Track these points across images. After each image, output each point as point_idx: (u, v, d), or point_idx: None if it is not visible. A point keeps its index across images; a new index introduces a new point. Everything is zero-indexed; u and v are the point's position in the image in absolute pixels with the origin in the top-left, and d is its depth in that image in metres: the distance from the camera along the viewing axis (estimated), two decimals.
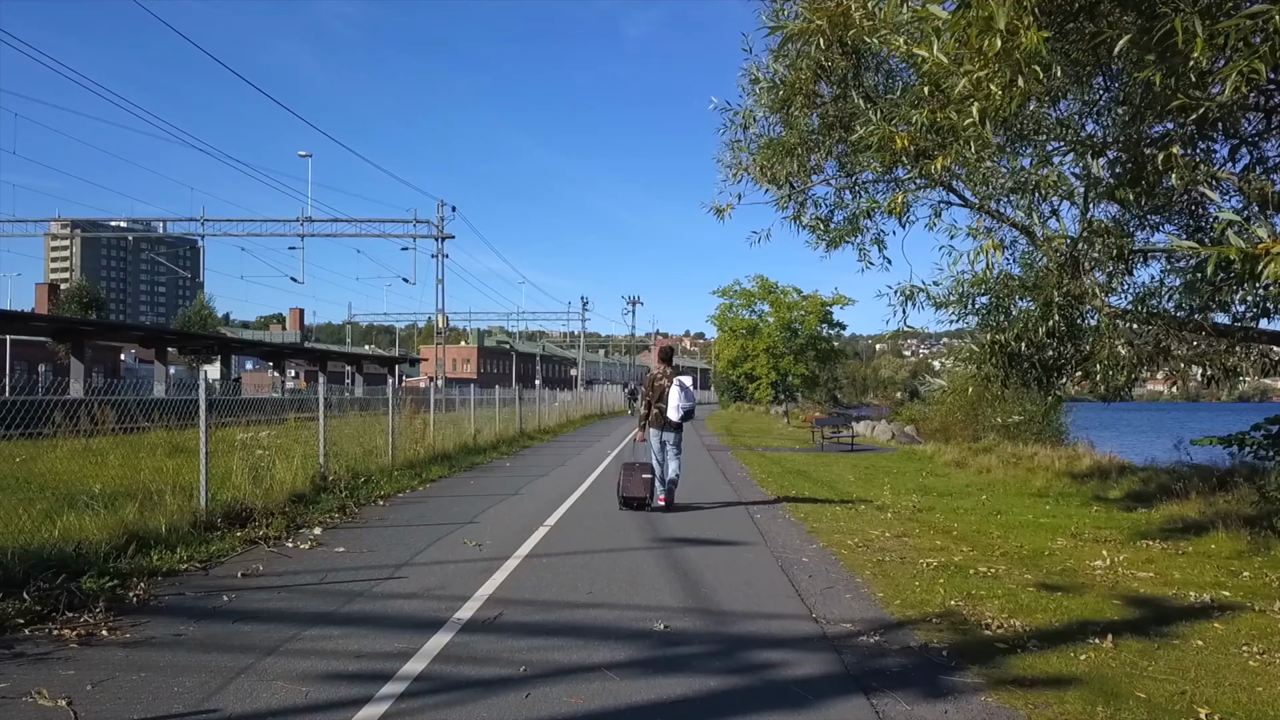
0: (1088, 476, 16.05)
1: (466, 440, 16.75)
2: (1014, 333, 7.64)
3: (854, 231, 10.49)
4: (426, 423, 14.28)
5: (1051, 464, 17.70)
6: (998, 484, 15.83)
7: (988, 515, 11.05)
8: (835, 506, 11.27)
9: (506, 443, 19.40)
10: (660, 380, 10.27)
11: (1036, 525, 10.21)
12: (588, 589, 6.02)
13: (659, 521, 9.33)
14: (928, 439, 29.59)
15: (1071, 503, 13.03)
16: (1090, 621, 5.59)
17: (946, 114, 7.16)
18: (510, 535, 8.07)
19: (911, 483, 15.49)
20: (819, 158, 10.60)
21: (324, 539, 7.53)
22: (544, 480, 13.13)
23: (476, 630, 4.93)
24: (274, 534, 7.40)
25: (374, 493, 10.17)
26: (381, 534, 7.93)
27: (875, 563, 7.42)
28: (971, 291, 8.09)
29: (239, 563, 6.45)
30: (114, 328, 49.15)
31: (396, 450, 12.64)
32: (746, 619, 5.45)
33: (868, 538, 8.74)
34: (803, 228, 11.23)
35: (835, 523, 9.78)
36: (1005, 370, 7.85)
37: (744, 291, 38.97)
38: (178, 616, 4.99)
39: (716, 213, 10.95)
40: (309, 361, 65.31)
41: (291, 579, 6.00)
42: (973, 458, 19.86)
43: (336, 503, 9.14)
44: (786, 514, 10.44)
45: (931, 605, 5.95)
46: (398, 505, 9.83)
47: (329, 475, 9.88)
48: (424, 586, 5.92)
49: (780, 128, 10.31)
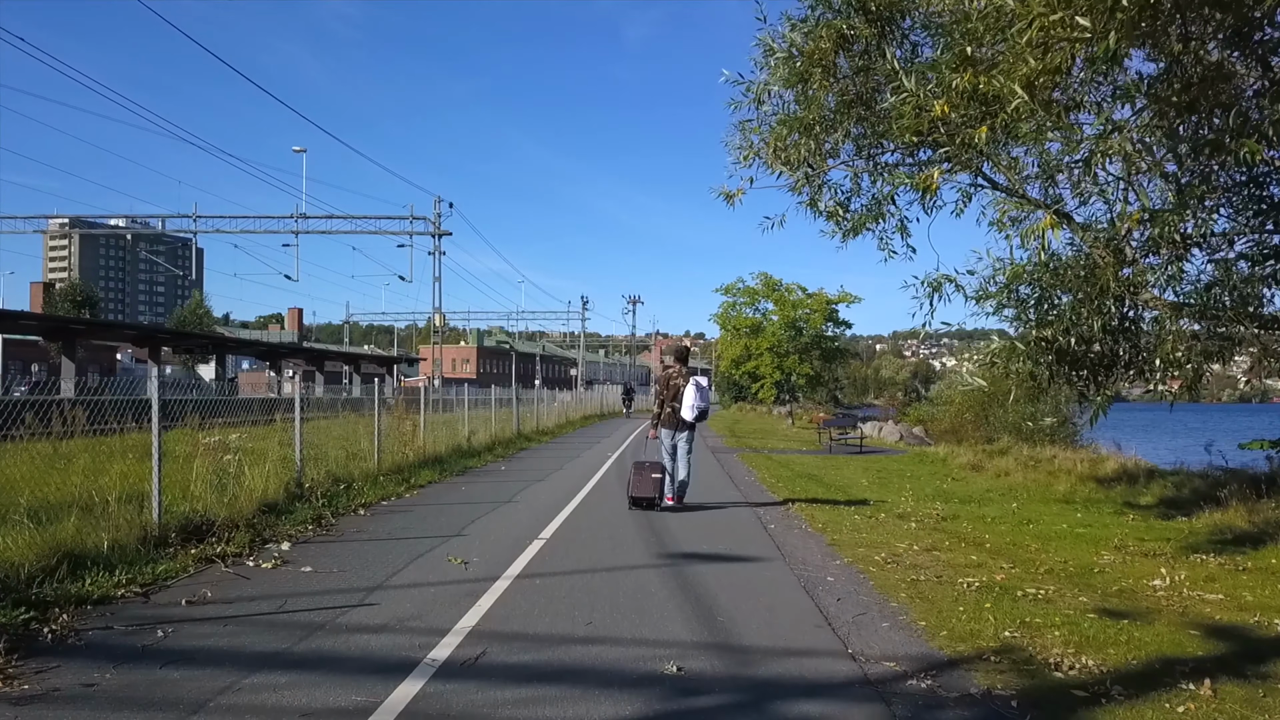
0: (1114, 481, 15.25)
1: (460, 442, 15.94)
2: (1062, 326, 6.83)
3: (876, 217, 9.68)
4: (416, 424, 13.46)
5: (1073, 467, 16.89)
6: (1018, 489, 15.02)
7: (1018, 525, 10.24)
8: (853, 514, 10.46)
9: (503, 445, 18.59)
10: (676, 379, 10.10)
11: (1074, 537, 9.40)
12: (587, 618, 5.22)
13: (665, 533, 8.53)
14: (937, 440, 28.78)
15: (1103, 510, 12.22)
16: (1174, 659, 4.78)
17: (992, 78, 6.38)
18: (501, 550, 7.26)
19: (929, 487, 14.68)
20: (837, 139, 9.81)
21: (291, 556, 6.72)
22: (540, 486, 12.32)
23: (453, 675, 4.12)
24: (235, 550, 6.58)
25: (355, 501, 9.35)
26: (357, 550, 7.11)
27: (909, 583, 6.61)
28: (1013, 281, 7.28)
29: (187, 587, 5.63)
30: (106, 327, 48.35)
31: (383, 454, 11.84)
32: (773, 657, 4.64)
33: (895, 552, 7.94)
34: (819, 215, 10.42)
35: (856, 534, 8.97)
36: (1052, 368, 7.04)
37: (748, 289, 38.16)
38: (96, 659, 4.18)
39: (726, 198, 10.16)
40: (307, 361, 64.58)
41: (244, 607, 5.19)
42: (988, 460, 19.06)
43: (311, 513, 8.33)
44: (802, 523, 9.64)
45: (984, 637, 5.15)
46: (379, 515, 9.02)
47: (305, 482, 9.07)
48: (397, 616, 5.11)
49: (796, 106, 9.51)
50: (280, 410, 14.84)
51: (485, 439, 17.72)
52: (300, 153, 40.14)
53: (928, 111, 6.69)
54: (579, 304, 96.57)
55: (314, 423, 14.36)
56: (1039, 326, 7.00)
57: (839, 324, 37.54)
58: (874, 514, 10.60)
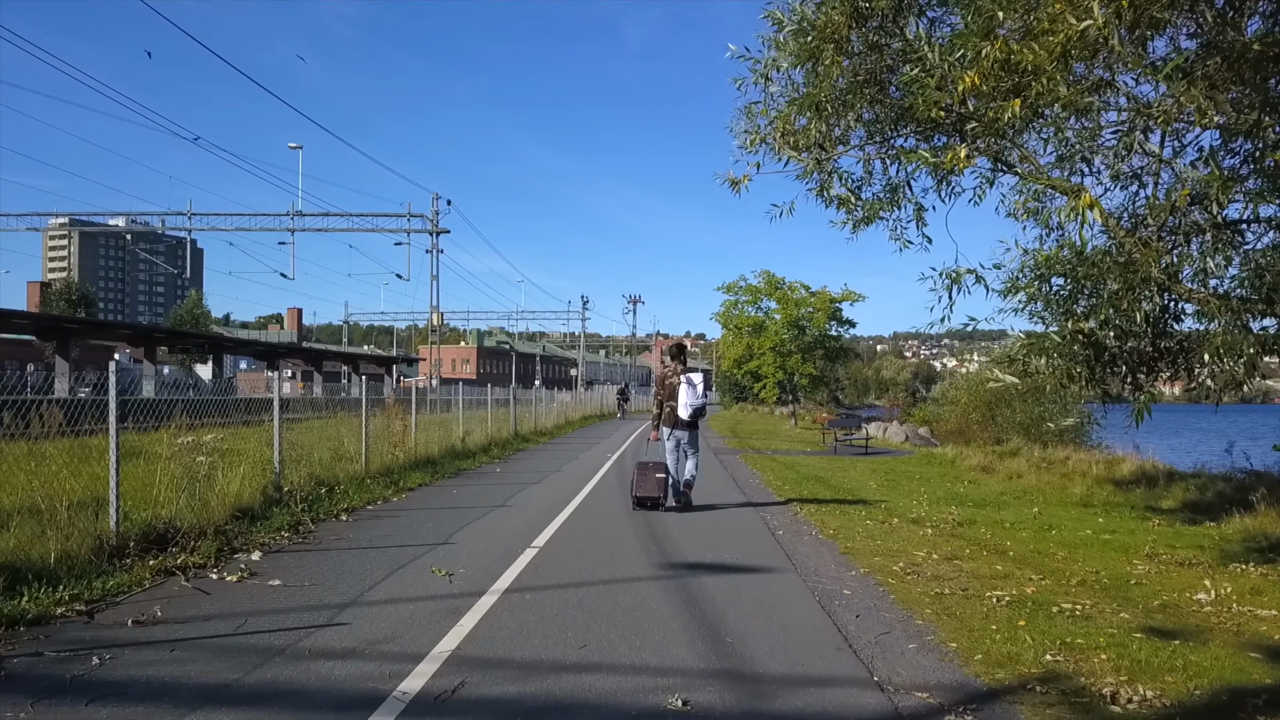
0: (1131, 483, 14.71)
1: (454, 443, 15.40)
2: (1100, 318, 6.28)
3: (892, 204, 9.14)
4: (407, 425, 12.91)
5: (1088, 469, 16.35)
6: (1033, 491, 14.49)
7: (1040, 531, 9.70)
8: (865, 519, 9.92)
9: (499, 446, 18.05)
10: (671, 378, 9.92)
11: (1100, 544, 8.86)
12: (580, 640, 4.68)
13: (667, 540, 7.99)
14: (944, 441, 28.24)
15: (1124, 514, 11.68)
16: (1242, 689, 4.23)
17: (1024, 47, 5.84)
18: (490, 560, 6.72)
19: (940, 490, 14.14)
20: (848, 122, 9.27)
21: (260, 567, 6.17)
22: (536, 489, 11.77)
23: (425, 713, 3.58)
24: (198, 562, 6.05)
25: (337, 506, 8.81)
26: (334, 560, 6.57)
27: (934, 596, 6.07)
28: (1046, 270, 6.72)
29: (138, 604, 5.09)
30: (100, 326, 47.85)
31: (371, 456, 11.29)
32: (790, 687, 4.10)
33: (913, 561, 7.39)
34: (829, 203, 9.88)
35: (870, 541, 8.43)
36: (1089, 366, 6.48)
37: (750, 287, 37.51)
38: (13, 693, 3.64)
39: (731, 184, 9.61)
40: (305, 361, 64.11)
41: (197, 628, 4.65)
42: (999, 462, 18.52)
43: (288, 519, 7.79)
44: (811, 529, 9.10)
45: (1024, 662, 4.61)
46: (362, 521, 8.47)
47: (285, 486, 8.53)
48: (368, 638, 4.57)
49: (805, 88, 8.98)
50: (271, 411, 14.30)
51: (480, 440, 17.18)
52: (296, 149, 39.61)
53: (953, 85, 6.15)
54: (579, 304, 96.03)
55: (308, 423, 13.86)
56: (1074, 319, 6.44)
57: (843, 323, 36.98)
58: (886, 519, 10.07)
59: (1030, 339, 6.73)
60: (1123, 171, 6.88)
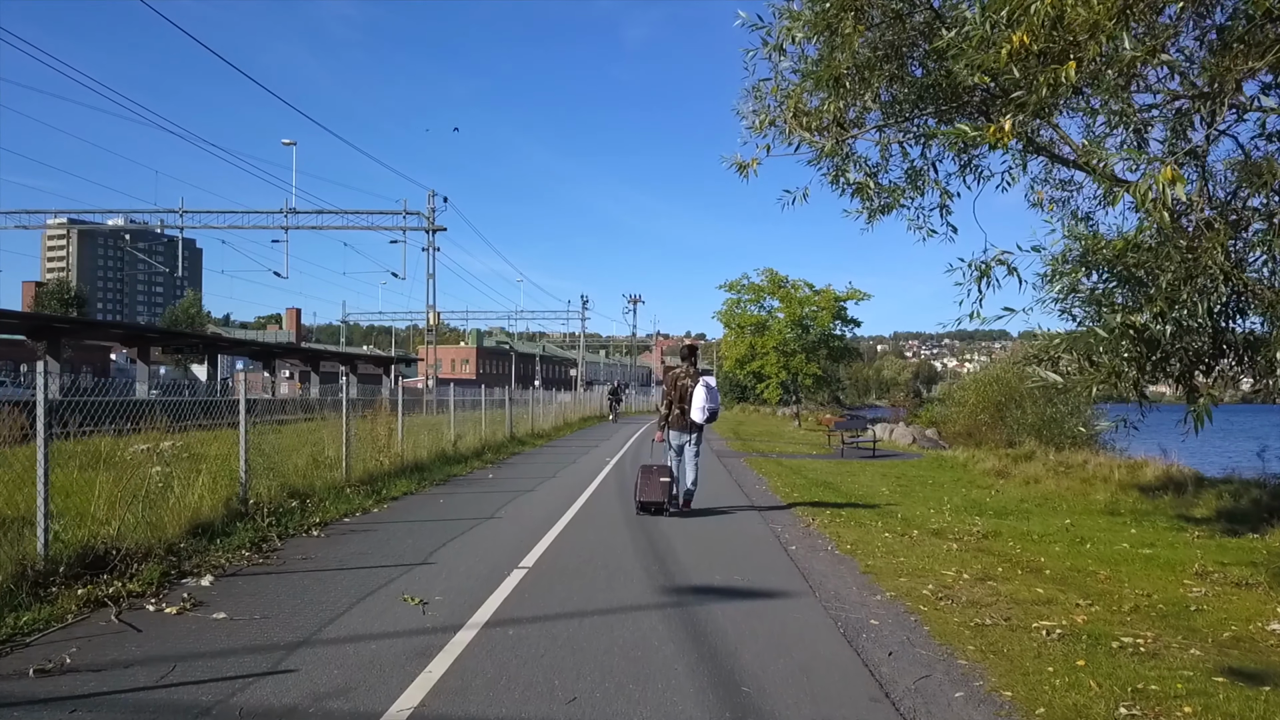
0: (1158, 489, 13.97)
1: (445, 447, 14.66)
2: (1156, 309, 5.55)
3: (914, 189, 8.42)
4: (393, 429, 12.17)
5: (1110, 474, 15.61)
6: (1053, 498, 13.77)
7: (1073, 545, 8.97)
8: (882, 532, 9.19)
9: (493, 449, 17.30)
10: (684, 379, 9.72)
11: (1142, 560, 8.13)
12: (569, 692, 3.94)
13: (670, 558, 7.25)
14: (952, 443, 27.50)
15: (1156, 524, 10.95)
16: None
17: (1080, 3, 5.11)
18: (472, 584, 5.98)
19: (957, 497, 13.41)
20: (866, 101, 8.54)
21: (208, 595, 5.44)
22: (530, 498, 11.04)
23: None
24: (138, 589, 5.32)
25: (310, 519, 8.07)
26: (295, 585, 5.83)
27: (974, 628, 5.34)
28: (1093, 258, 5.98)
29: (52, 644, 4.36)
30: (92, 325, 47.14)
31: (352, 462, 10.56)
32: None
33: (943, 583, 6.66)
34: (843, 191, 9.14)
35: (892, 557, 7.70)
36: (1139, 364, 5.75)
37: (753, 285, 36.68)
38: None
39: (739, 169, 8.88)
40: (303, 361, 63.42)
41: (113, 679, 3.91)
42: (1014, 466, 17.80)
43: (252, 535, 7.06)
44: (827, 543, 8.37)
45: (1095, 716, 3.87)
46: (336, 536, 7.73)
47: (251, 498, 7.80)
48: (315, 691, 3.84)
49: (822, 61, 8.25)
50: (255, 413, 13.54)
51: (474, 443, 16.44)
52: (290, 145, 38.86)
53: (997, 48, 5.41)
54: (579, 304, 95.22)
55: (293, 425, 13.13)
56: (1124, 312, 5.71)
57: (847, 322, 36.16)
58: (905, 531, 9.34)
59: (1073, 335, 6.00)
60: (1178, 148, 6.14)
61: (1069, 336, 6.03)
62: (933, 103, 8.55)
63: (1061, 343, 6.16)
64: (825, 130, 8.01)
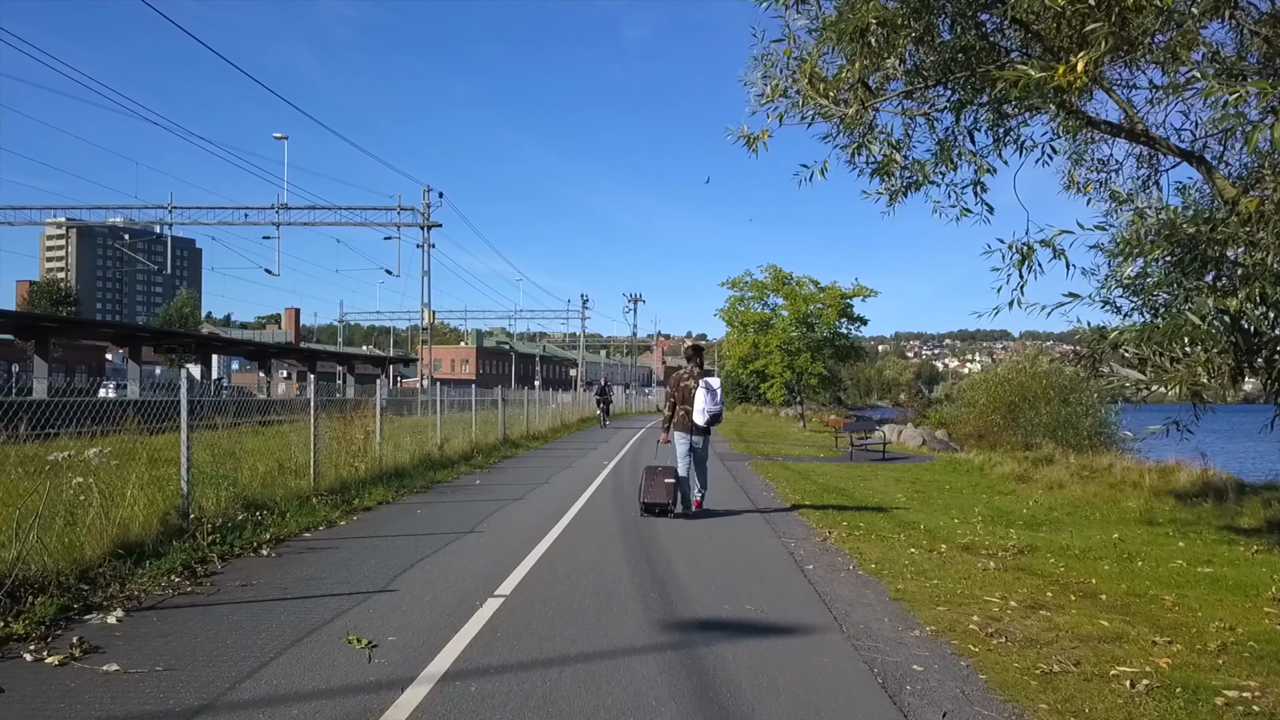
0: (1195, 496, 13.01)
1: (431, 451, 13.71)
2: (1254, 290, 4.60)
3: (946, 161, 7.49)
4: (369, 432, 11.20)
5: (1139, 479, 14.66)
6: (1082, 505, 12.83)
7: (1122, 562, 8.03)
8: (907, 546, 8.25)
9: (484, 452, 16.34)
10: (686, 380, 9.52)
11: (1207, 582, 7.18)
12: None
13: (671, 581, 6.30)
14: (963, 444, 26.56)
15: (1204, 536, 10.01)
16: None
17: None
18: (435, 619, 5.04)
19: (979, 504, 12.48)
20: (891, 66, 7.61)
21: (108, 638, 4.47)
22: (517, 507, 10.08)
23: None
24: (21, 631, 4.36)
25: (262, 535, 7.11)
26: (220, 621, 4.87)
27: (1040, 677, 4.39)
28: (1170, 233, 5.03)
29: None
30: (81, 324, 46.21)
31: (322, 469, 9.60)
32: None
33: (989, 613, 5.71)
34: (861, 171, 8.22)
35: (923, 579, 6.75)
36: (1236, 356, 4.81)
37: (756, 283, 35.63)
38: None
39: (747, 142, 7.97)
40: (299, 361, 62.57)
41: None
42: (1035, 470, 16.85)
43: (188, 556, 6.10)
44: (847, 561, 7.43)
45: None
46: (290, 556, 6.77)
47: (193, 511, 6.84)
48: None
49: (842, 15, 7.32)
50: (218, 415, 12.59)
51: (462, 446, 15.48)
52: (282, 139, 37.92)
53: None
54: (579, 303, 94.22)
55: (275, 427, 12.22)
56: (1216, 295, 4.77)
57: (853, 320, 35.13)
58: (932, 545, 8.39)
59: (1148, 327, 5.08)
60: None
61: (1144, 329, 5.10)
62: (964, 68, 7.62)
63: (1135, 335, 5.23)
64: (853, 89, 7.07)
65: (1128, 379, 5.05)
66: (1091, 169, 9.88)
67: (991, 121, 7.90)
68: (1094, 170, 9.88)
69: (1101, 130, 7.60)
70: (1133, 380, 5.02)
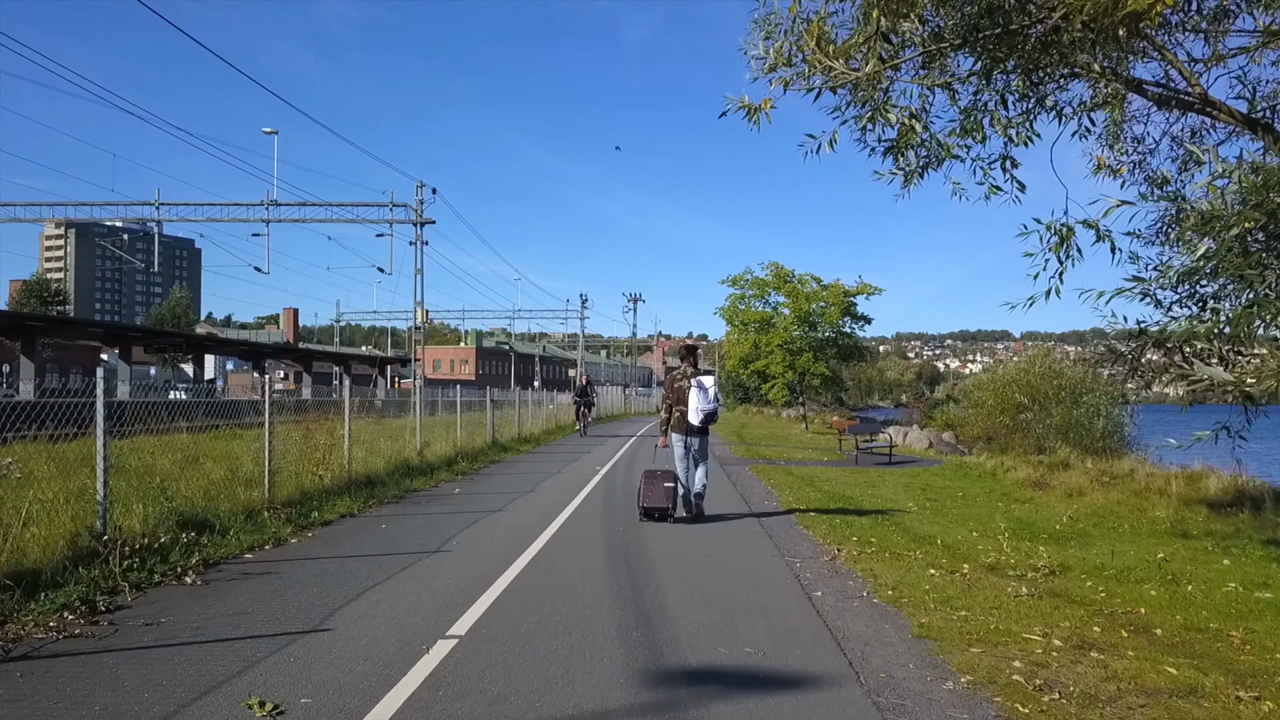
0: (1228, 505, 12.12)
1: (409, 456, 12.82)
2: None
3: (974, 131, 6.61)
4: (337, 436, 10.29)
5: (1165, 485, 13.75)
6: (1108, 515, 11.92)
7: (1168, 585, 7.13)
8: (925, 566, 7.37)
9: (468, 458, 15.44)
10: (680, 381, 9.33)
11: (1271, 610, 6.31)
12: None
13: (659, 616, 5.41)
14: (972, 447, 25.64)
15: (1249, 552, 9.13)
16: None
17: None
18: (366, 672, 4.15)
19: (996, 514, 11.59)
20: (910, 26, 6.75)
21: None
22: (493, 521, 9.19)
23: None
24: None
25: (191, 558, 6.22)
26: (99, 677, 3.98)
27: None
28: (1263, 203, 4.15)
29: None
30: (69, 323, 45.40)
31: (279, 479, 8.72)
32: None
33: (1032, 656, 4.83)
34: (873, 150, 7.36)
35: (949, 609, 5.87)
36: None
37: (757, 280, 34.67)
38: None
39: (748, 113, 7.08)
40: (295, 362, 61.78)
41: None
42: (1050, 475, 15.93)
43: (91, 587, 5.22)
44: (861, 585, 6.55)
45: None
46: (218, 583, 5.88)
47: (108, 532, 5.95)
48: None
49: None
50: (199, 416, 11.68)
51: (445, 451, 14.58)
52: (271, 134, 37.07)
53: None
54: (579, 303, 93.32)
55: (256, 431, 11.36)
56: None
57: (857, 319, 34.18)
58: (953, 564, 7.51)
59: (1238, 312, 4.20)
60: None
61: (1227, 317, 4.21)
62: (992, 28, 6.73)
63: (1206, 330, 4.35)
64: (871, 41, 6.18)
65: (1214, 380, 4.18)
66: (1122, 150, 9.08)
67: (1022, 91, 7.03)
68: (1124, 153, 9.07)
69: (1148, 97, 6.72)
70: (1219, 380, 4.14)
